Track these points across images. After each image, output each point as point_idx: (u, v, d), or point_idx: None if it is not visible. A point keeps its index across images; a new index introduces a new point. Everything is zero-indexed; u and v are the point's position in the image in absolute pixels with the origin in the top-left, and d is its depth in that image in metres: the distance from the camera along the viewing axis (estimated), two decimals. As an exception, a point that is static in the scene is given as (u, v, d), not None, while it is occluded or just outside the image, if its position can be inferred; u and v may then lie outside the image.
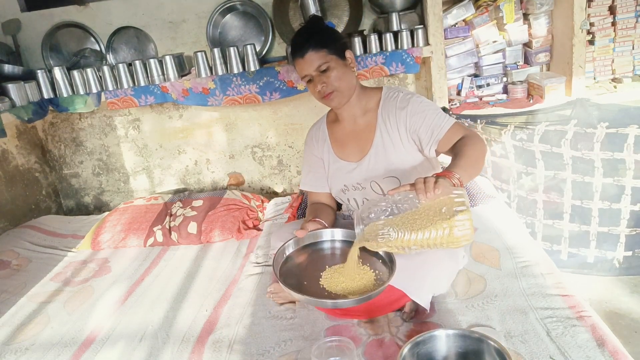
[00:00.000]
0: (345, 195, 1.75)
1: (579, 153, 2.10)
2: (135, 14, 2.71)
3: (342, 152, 1.74)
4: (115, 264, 2.20)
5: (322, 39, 1.58)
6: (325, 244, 1.58)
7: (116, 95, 2.48)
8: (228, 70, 2.43)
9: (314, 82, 1.60)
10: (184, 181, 3.07)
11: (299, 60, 1.59)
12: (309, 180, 1.83)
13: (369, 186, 1.68)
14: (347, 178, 1.72)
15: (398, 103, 1.64)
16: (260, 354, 1.43)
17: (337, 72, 1.58)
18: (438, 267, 1.51)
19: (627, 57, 2.54)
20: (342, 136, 1.75)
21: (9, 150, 2.81)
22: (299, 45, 1.58)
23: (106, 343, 1.61)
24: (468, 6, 2.48)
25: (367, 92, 1.71)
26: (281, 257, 1.49)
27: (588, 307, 1.42)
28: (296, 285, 1.37)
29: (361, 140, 1.70)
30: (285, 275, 1.42)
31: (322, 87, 1.59)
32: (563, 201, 2.21)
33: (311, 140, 1.83)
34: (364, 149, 1.69)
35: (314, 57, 1.56)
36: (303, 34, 1.61)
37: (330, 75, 1.57)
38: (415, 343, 1.18)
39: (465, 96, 2.59)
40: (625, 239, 2.16)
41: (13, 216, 2.77)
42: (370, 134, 1.68)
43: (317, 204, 1.81)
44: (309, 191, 1.85)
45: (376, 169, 1.67)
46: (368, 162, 1.68)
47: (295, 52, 1.59)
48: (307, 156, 1.84)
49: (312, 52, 1.56)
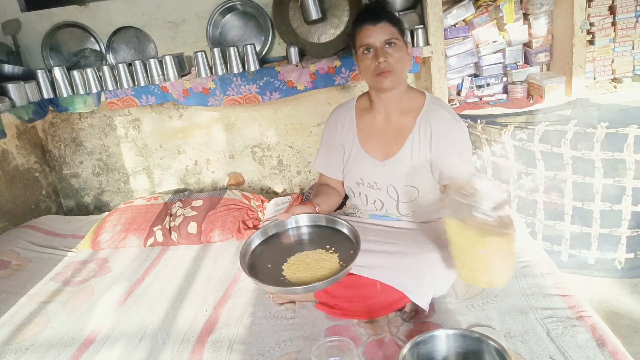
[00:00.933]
0: (358, 188, 1.69)
1: (579, 153, 2.09)
2: (135, 14, 2.71)
3: (368, 145, 1.67)
4: (115, 264, 2.20)
5: (395, 17, 1.55)
6: (290, 231, 1.60)
7: (116, 95, 2.48)
8: (228, 70, 2.43)
9: (375, 54, 1.51)
10: (184, 181, 3.07)
11: (368, 27, 1.50)
12: (324, 162, 1.77)
13: (385, 189, 1.63)
14: (365, 173, 1.66)
15: (439, 123, 1.57)
16: (260, 354, 1.43)
17: (400, 54, 1.53)
18: (438, 268, 1.50)
19: (627, 57, 2.53)
20: (371, 129, 1.67)
21: (9, 150, 2.81)
22: (372, 13, 1.51)
23: (106, 343, 1.61)
24: (468, 6, 2.48)
25: (410, 91, 1.65)
26: (247, 250, 1.51)
27: (588, 307, 1.42)
28: (265, 277, 1.39)
29: (390, 140, 1.63)
30: (252, 268, 1.44)
31: (384, 61, 1.50)
32: (564, 202, 2.21)
33: (335, 123, 1.74)
34: (390, 150, 1.63)
35: (387, 28, 1.50)
36: (376, 5, 1.56)
37: (394, 53, 1.51)
38: (415, 343, 1.18)
39: (465, 96, 2.59)
40: (627, 240, 2.15)
41: (13, 216, 2.77)
42: (401, 137, 1.61)
43: (325, 186, 1.77)
44: (321, 172, 1.80)
45: (398, 174, 1.61)
46: (392, 165, 1.62)
47: (365, 19, 1.52)
48: (327, 138, 1.77)
49: (386, 23, 1.50)
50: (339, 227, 1.56)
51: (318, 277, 1.35)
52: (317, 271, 1.38)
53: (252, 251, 1.54)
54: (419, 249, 1.50)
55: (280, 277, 1.40)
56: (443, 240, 1.56)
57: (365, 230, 1.64)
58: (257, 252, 1.54)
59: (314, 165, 1.81)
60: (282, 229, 1.61)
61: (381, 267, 1.49)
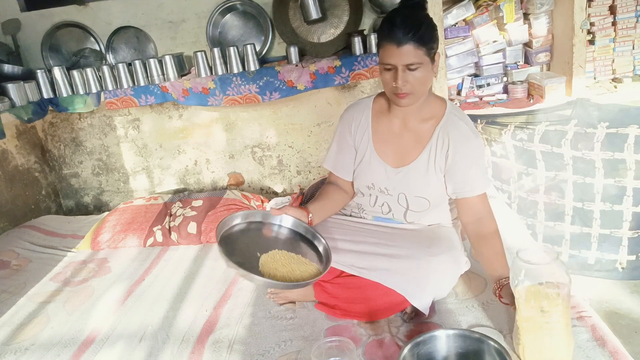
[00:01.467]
0: (369, 191, 1.64)
1: (579, 153, 2.09)
2: (135, 14, 2.71)
3: (382, 150, 1.60)
4: (115, 264, 2.19)
5: (425, 35, 1.38)
6: (273, 227, 1.60)
7: (116, 95, 2.48)
8: (228, 70, 2.43)
9: (396, 76, 1.40)
10: (184, 181, 3.07)
11: (391, 47, 1.37)
12: (334, 161, 1.71)
13: (396, 195, 1.59)
14: (377, 179, 1.61)
15: (457, 135, 1.50)
16: (260, 354, 1.43)
17: (423, 75, 1.41)
18: (441, 272, 1.49)
19: (628, 57, 2.53)
20: (387, 133, 1.59)
21: (8, 150, 2.81)
22: (399, 30, 1.35)
23: (106, 343, 1.61)
24: (468, 6, 2.48)
25: (431, 99, 1.55)
26: (227, 224, 1.53)
27: (588, 307, 1.42)
28: (237, 260, 1.38)
29: (407, 148, 1.57)
30: (226, 244, 1.45)
31: (403, 84, 1.40)
32: (564, 203, 2.20)
33: (350, 123, 1.64)
34: (406, 158, 1.57)
35: (411, 52, 1.36)
36: (407, 18, 1.37)
37: (417, 76, 1.40)
38: (415, 343, 1.18)
39: (465, 96, 2.59)
40: (628, 241, 2.15)
41: (13, 216, 2.77)
42: (419, 146, 1.55)
43: (332, 187, 1.71)
44: (330, 170, 1.74)
45: (411, 184, 1.56)
46: (406, 174, 1.57)
47: (391, 36, 1.37)
48: (340, 137, 1.67)
49: (411, 46, 1.36)
50: (316, 243, 1.57)
51: (294, 277, 1.39)
52: (294, 272, 1.41)
53: (231, 226, 1.55)
54: (421, 252, 1.49)
55: (254, 263, 1.42)
56: (446, 243, 1.56)
57: (369, 232, 1.63)
58: (235, 229, 1.55)
59: (324, 163, 1.74)
60: (267, 221, 1.62)
61: (383, 269, 1.48)
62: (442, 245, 1.54)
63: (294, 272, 1.40)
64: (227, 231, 1.52)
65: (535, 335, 1.20)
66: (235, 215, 1.58)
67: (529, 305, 1.18)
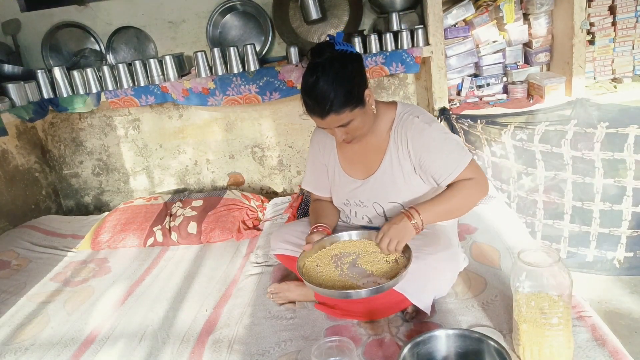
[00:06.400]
0: (347, 207, 1.70)
1: (579, 153, 2.09)
2: (135, 14, 2.71)
3: (349, 167, 1.67)
4: (115, 264, 2.20)
5: (344, 98, 1.39)
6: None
7: (116, 95, 2.48)
8: (228, 70, 2.43)
9: (334, 132, 1.49)
10: (184, 181, 3.07)
11: (317, 119, 1.45)
12: (312, 181, 1.79)
13: (370, 206, 1.64)
14: (350, 194, 1.67)
15: (412, 132, 1.52)
16: (260, 354, 1.43)
17: (359, 122, 1.46)
18: (439, 271, 1.50)
19: (627, 57, 2.53)
20: (350, 151, 1.66)
21: (9, 150, 2.81)
22: (315, 108, 1.41)
23: (106, 343, 1.61)
24: (468, 6, 2.48)
25: (380, 113, 1.58)
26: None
27: (588, 307, 1.42)
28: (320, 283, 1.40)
29: (369, 160, 1.62)
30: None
31: (344, 137, 1.48)
32: (563, 202, 2.21)
33: (317, 144, 1.74)
34: (370, 169, 1.62)
35: (335, 119, 1.42)
36: (319, 93, 1.38)
37: (352, 126, 1.45)
38: (415, 343, 1.18)
39: (465, 96, 2.59)
40: (627, 240, 2.16)
41: (13, 216, 2.77)
42: (379, 154, 1.60)
43: (320, 202, 1.78)
44: (310, 192, 1.83)
45: (380, 192, 1.61)
46: (373, 183, 1.61)
47: (312, 112, 1.44)
48: (312, 158, 1.77)
49: (333, 114, 1.41)
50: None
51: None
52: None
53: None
54: (419, 252, 1.49)
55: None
56: (443, 241, 1.57)
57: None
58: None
59: (302, 184, 1.83)
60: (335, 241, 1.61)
61: None
62: (439, 243, 1.55)
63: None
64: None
65: (535, 336, 1.20)
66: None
67: (529, 306, 1.18)
